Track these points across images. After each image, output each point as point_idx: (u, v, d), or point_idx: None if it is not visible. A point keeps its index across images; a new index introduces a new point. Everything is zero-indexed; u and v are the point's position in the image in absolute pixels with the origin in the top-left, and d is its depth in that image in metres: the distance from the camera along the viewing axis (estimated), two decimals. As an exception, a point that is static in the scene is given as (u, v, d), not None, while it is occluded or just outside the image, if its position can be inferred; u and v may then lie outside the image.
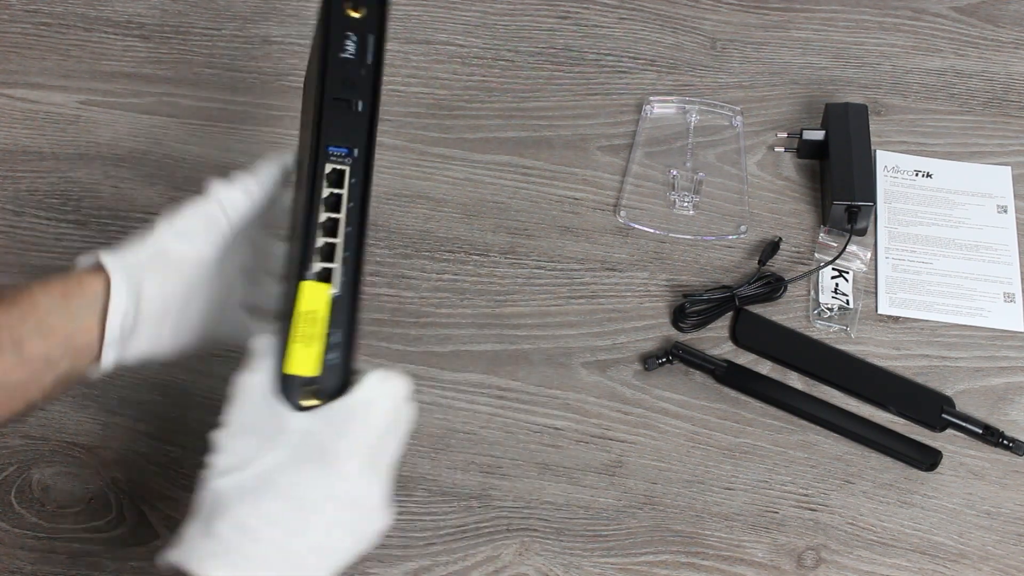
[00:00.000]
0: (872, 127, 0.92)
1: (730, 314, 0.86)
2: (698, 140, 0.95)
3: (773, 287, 0.86)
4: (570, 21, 1.02)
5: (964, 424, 0.81)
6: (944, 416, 0.81)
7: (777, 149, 0.95)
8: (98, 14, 1.02)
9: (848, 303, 0.86)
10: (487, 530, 0.78)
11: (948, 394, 0.83)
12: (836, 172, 0.88)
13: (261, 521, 0.54)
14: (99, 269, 0.60)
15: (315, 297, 0.57)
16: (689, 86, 0.98)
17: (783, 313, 0.87)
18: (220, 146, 0.94)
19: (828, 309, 0.86)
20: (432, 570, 0.76)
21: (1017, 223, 0.91)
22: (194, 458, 0.80)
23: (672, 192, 0.92)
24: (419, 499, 0.79)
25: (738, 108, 0.96)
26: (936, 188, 0.93)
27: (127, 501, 0.79)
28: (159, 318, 0.62)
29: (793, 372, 0.84)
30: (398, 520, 0.79)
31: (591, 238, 0.90)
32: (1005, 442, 0.80)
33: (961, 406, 0.82)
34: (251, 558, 0.53)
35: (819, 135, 0.92)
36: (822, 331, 0.86)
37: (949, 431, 0.82)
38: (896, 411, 0.82)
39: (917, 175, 0.93)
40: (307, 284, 0.57)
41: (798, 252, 0.90)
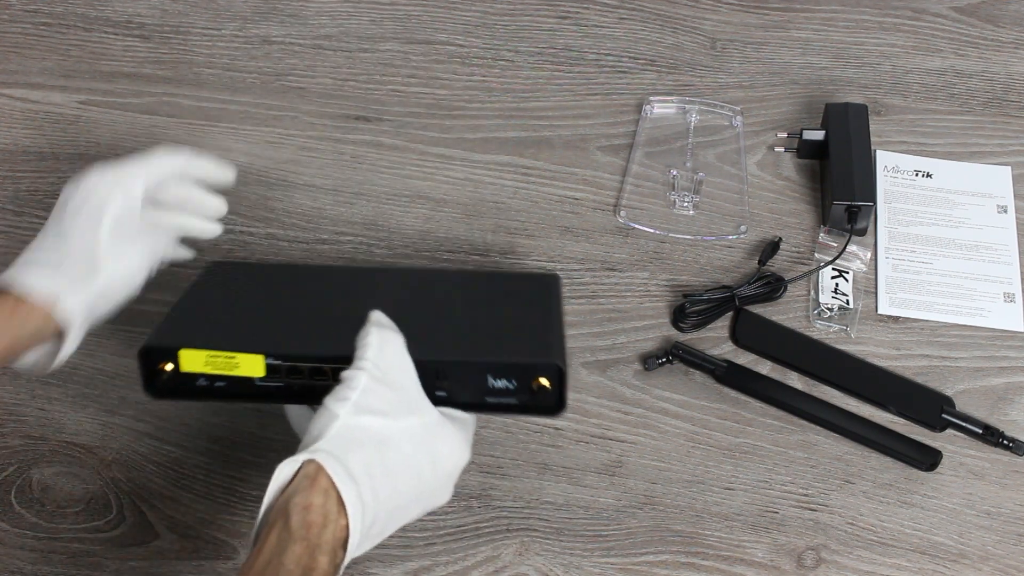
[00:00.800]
0: (872, 127, 0.92)
1: (730, 314, 0.86)
2: (698, 140, 0.95)
3: (773, 287, 0.86)
4: (570, 21, 1.02)
5: (964, 424, 0.81)
6: (944, 416, 0.81)
7: (777, 149, 0.95)
8: (98, 14, 1.02)
9: (848, 303, 0.86)
10: (487, 530, 0.78)
11: (948, 394, 0.83)
12: (836, 172, 0.88)
13: (381, 470, 0.59)
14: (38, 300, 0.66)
15: None
16: (689, 86, 0.98)
17: (783, 313, 0.87)
18: (220, 146, 0.95)
19: (828, 309, 0.86)
20: (432, 570, 0.76)
21: (1017, 223, 0.91)
22: (194, 458, 0.81)
23: (672, 192, 0.92)
24: (419, 499, 0.79)
25: (738, 108, 0.96)
26: (936, 188, 0.93)
27: (127, 501, 0.79)
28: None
29: (793, 372, 0.84)
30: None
31: (591, 238, 0.90)
32: (1005, 442, 0.80)
33: (961, 406, 0.82)
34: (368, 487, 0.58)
35: (819, 135, 0.92)
36: (822, 331, 0.86)
37: (949, 431, 0.82)
38: (896, 411, 0.82)
39: (917, 175, 0.94)
40: None
41: (798, 252, 0.90)
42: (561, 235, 0.90)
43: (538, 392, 0.66)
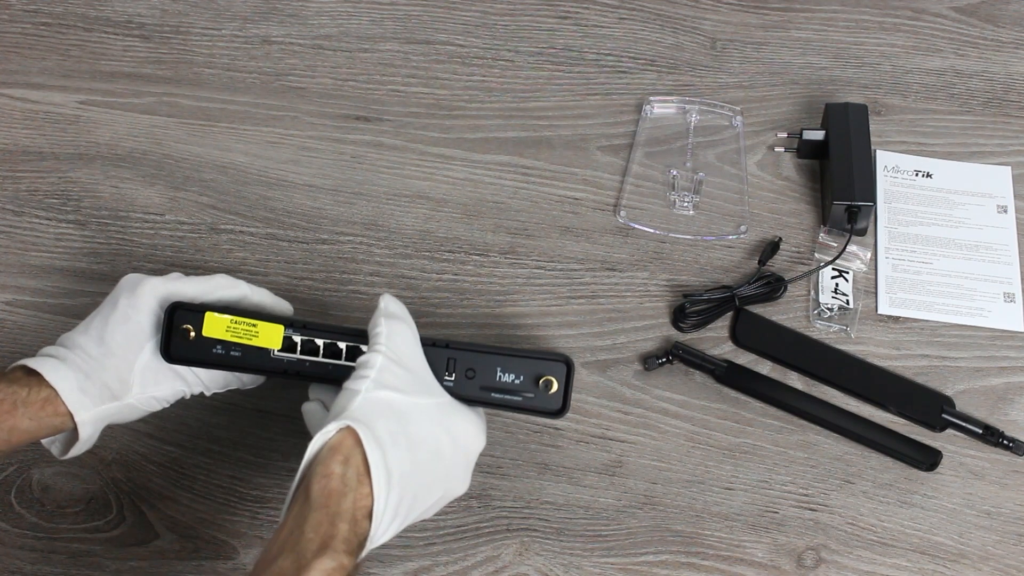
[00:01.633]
0: (872, 127, 0.92)
1: (730, 314, 0.86)
2: (698, 140, 0.95)
3: (773, 287, 0.86)
4: (570, 21, 1.02)
5: (964, 424, 0.81)
6: (944, 416, 0.81)
7: (777, 149, 0.95)
8: (98, 14, 1.02)
9: (848, 303, 0.86)
10: (487, 530, 0.78)
11: (948, 394, 0.83)
12: (836, 172, 0.88)
13: (404, 440, 0.61)
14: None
15: None
16: (689, 86, 0.98)
17: (783, 313, 0.87)
18: (220, 146, 0.95)
19: (828, 309, 0.86)
20: (432, 570, 0.76)
21: (1017, 223, 0.91)
22: (194, 458, 0.81)
23: (672, 192, 0.92)
24: (419, 499, 0.79)
25: (738, 108, 0.96)
26: (936, 188, 0.93)
27: (127, 501, 0.79)
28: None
29: (793, 372, 0.84)
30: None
31: (591, 238, 0.90)
32: (1005, 442, 0.80)
33: (961, 406, 0.82)
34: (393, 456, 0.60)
35: (819, 135, 0.92)
36: (822, 331, 0.86)
37: (949, 431, 0.82)
38: (896, 411, 0.82)
39: (917, 175, 0.94)
40: None
41: (798, 252, 0.90)
42: (561, 235, 0.90)
43: (544, 390, 0.68)
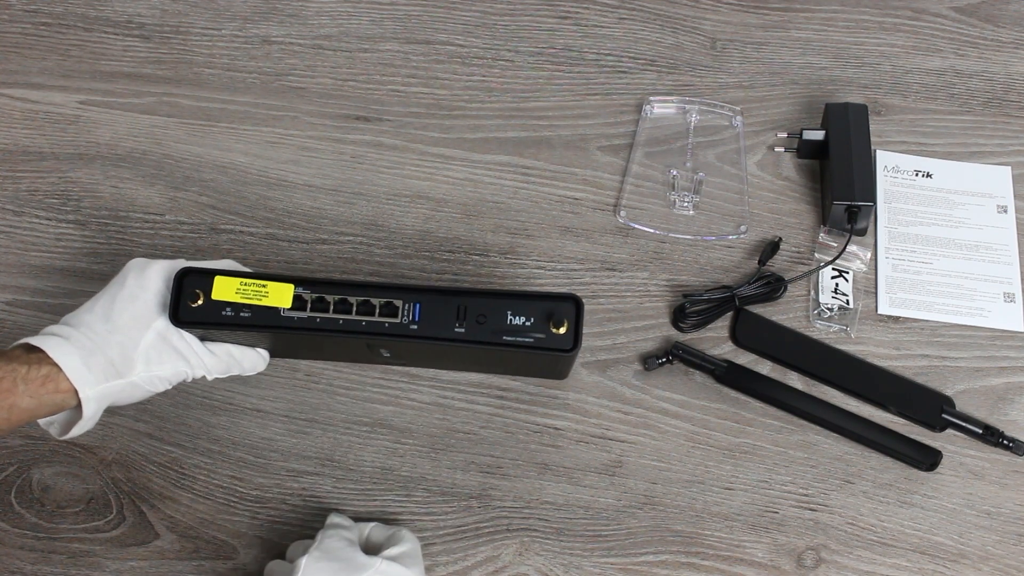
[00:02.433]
0: (872, 127, 0.92)
1: (730, 314, 0.86)
2: (698, 140, 0.95)
3: (773, 287, 0.86)
4: (570, 21, 1.02)
5: (964, 424, 0.81)
6: (944, 416, 0.81)
7: (777, 149, 0.95)
8: (98, 14, 1.02)
9: (848, 303, 0.86)
10: (487, 530, 0.78)
11: (948, 394, 0.83)
12: (836, 172, 0.88)
13: None
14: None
15: None
16: (689, 86, 0.98)
17: (783, 313, 0.87)
18: (220, 146, 0.95)
19: (828, 309, 0.86)
20: (432, 570, 0.76)
21: (1017, 223, 0.91)
22: (194, 458, 0.81)
23: (672, 192, 0.92)
24: (419, 499, 0.79)
25: (738, 108, 0.96)
26: (936, 188, 0.93)
27: (127, 501, 0.79)
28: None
29: (793, 372, 0.84)
30: (398, 520, 0.79)
31: (591, 238, 0.90)
32: (1005, 442, 0.80)
33: (961, 406, 0.82)
34: None
35: (819, 135, 0.92)
36: (822, 331, 0.86)
37: (949, 431, 0.82)
38: (896, 411, 0.82)
39: (917, 175, 0.93)
40: None
41: (798, 252, 0.90)
42: (561, 235, 0.90)
43: (555, 330, 0.68)
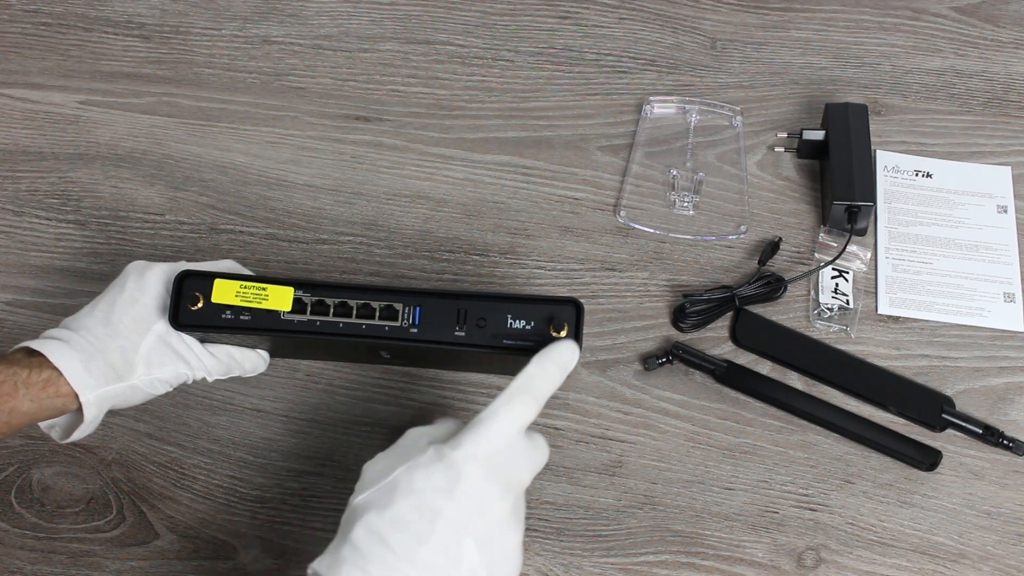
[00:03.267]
0: (872, 127, 0.92)
1: (730, 314, 0.86)
2: (698, 140, 0.95)
3: (773, 287, 0.86)
4: (570, 21, 1.02)
5: (964, 424, 0.81)
6: (944, 416, 0.81)
7: (777, 149, 0.95)
8: (98, 14, 1.02)
9: (848, 303, 0.86)
10: (487, 530, 0.78)
11: (948, 394, 0.83)
12: (836, 172, 0.88)
13: (390, 526, 0.56)
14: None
15: None
16: (689, 86, 0.98)
17: (783, 313, 0.87)
18: (220, 146, 0.95)
19: (828, 309, 0.86)
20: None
21: (1017, 223, 0.91)
22: (194, 458, 0.81)
23: (672, 192, 0.92)
24: (419, 499, 0.79)
25: (738, 108, 0.96)
26: (936, 188, 0.93)
27: (127, 501, 0.79)
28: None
29: (793, 372, 0.84)
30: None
31: (591, 238, 0.90)
32: (1005, 442, 0.80)
33: (961, 406, 0.82)
34: (384, 563, 0.55)
35: (819, 135, 0.92)
36: (822, 331, 0.86)
37: (949, 431, 0.82)
38: (896, 411, 0.82)
39: (917, 175, 0.94)
40: None
41: (798, 252, 0.90)
42: (561, 235, 0.90)
43: (555, 333, 0.67)
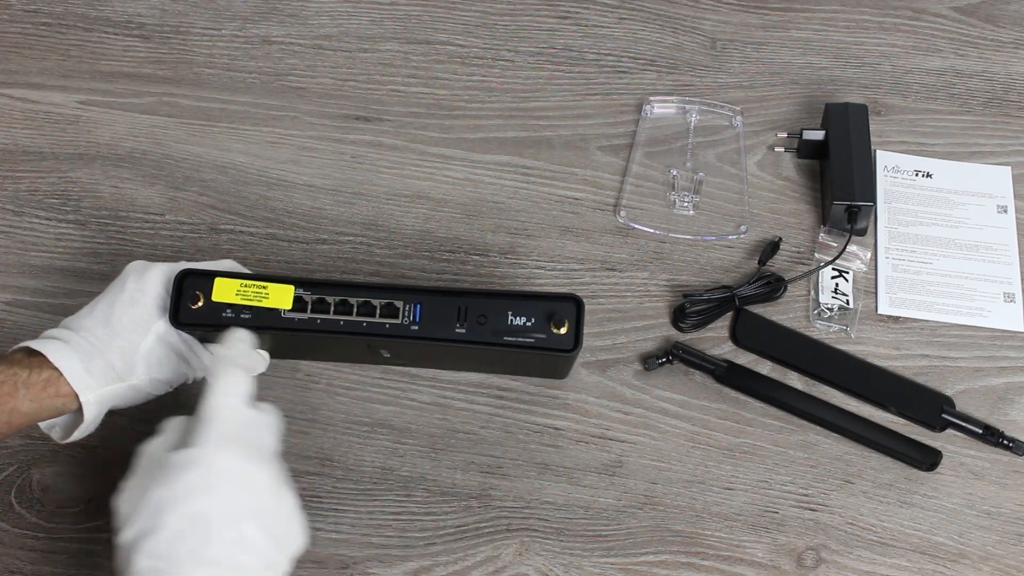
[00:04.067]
0: (872, 127, 0.92)
1: (730, 314, 0.86)
2: (698, 140, 0.95)
3: (773, 287, 0.86)
4: (570, 21, 1.02)
5: (964, 424, 0.81)
6: (944, 416, 0.81)
7: (777, 149, 0.95)
8: (98, 14, 1.02)
9: (848, 303, 0.86)
10: (487, 530, 0.78)
11: (948, 394, 0.83)
12: (836, 172, 0.88)
13: (169, 545, 0.58)
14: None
15: None
16: (689, 86, 0.98)
17: (783, 313, 0.87)
18: (220, 146, 0.95)
19: (828, 309, 0.86)
20: (432, 570, 0.76)
21: (1017, 223, 0.91)
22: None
23: (672, 192, 0.92)
24: (419, 499, 0.79)
25: (738, 108, 0.96)
26: (936, 188, 0.93)
27: (127, 501, 0.79)
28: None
29: (793, 372, 0.84)
30: (398, 520, 0.79)
31: (591, 238, 0.90)
32: (1005, 442, 0.80)
33: (961, 406, 0.82)
34: None
35: (819, 135, 0.92)
36: (822, 331, 0.86)
37: (949, 431, 0.82)
38: (896, 411, 0.82)
39: (917, 175, 0.93)
40: None
41: (798, 252, 0.90)
42: (561, 235, 0.90)
43: (555, 330, 0.69)
